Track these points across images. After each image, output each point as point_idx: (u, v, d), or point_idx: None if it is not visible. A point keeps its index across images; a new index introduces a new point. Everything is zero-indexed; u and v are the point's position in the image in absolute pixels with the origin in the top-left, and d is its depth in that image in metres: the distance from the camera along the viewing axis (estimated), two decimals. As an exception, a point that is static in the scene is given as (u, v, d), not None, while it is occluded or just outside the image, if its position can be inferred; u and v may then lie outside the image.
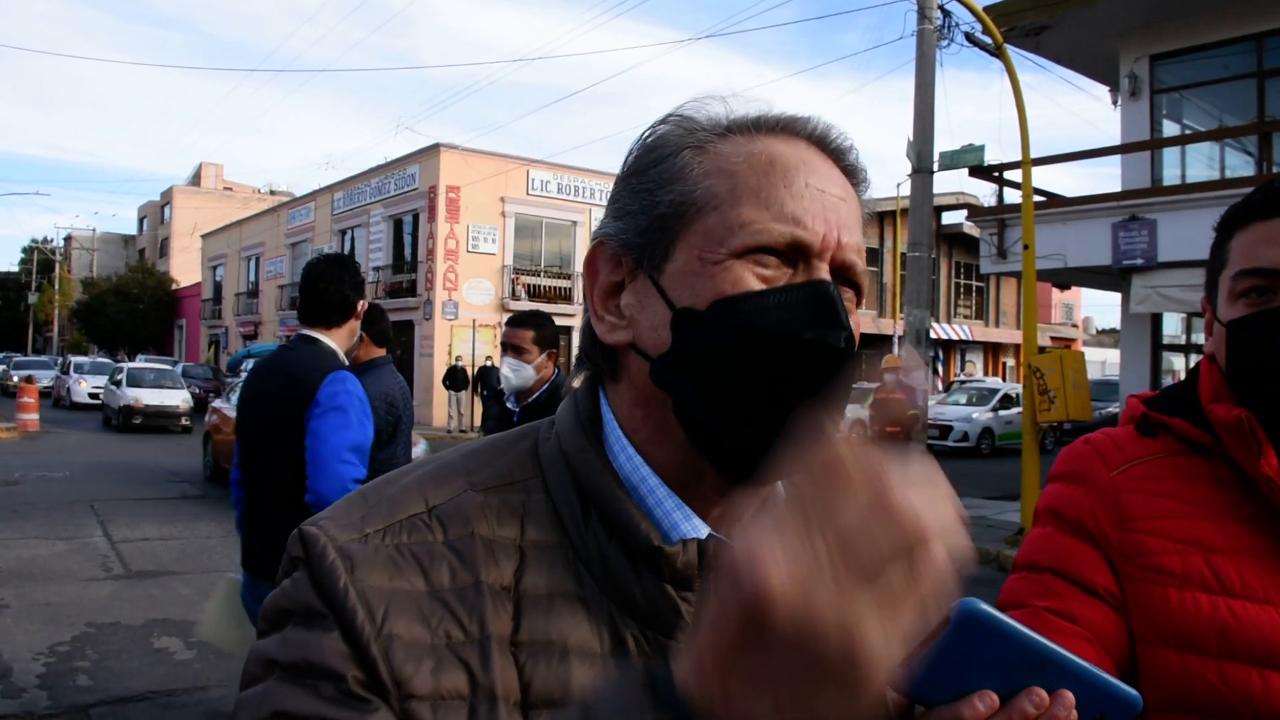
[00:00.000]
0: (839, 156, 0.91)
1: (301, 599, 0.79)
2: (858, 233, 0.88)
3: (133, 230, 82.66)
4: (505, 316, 31.70)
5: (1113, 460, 1.39)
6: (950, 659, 0.80)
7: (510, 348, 4.54)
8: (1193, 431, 1.36)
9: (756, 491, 0.88)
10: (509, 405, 4.64)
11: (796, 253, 0.84)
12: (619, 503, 0.84)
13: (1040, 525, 1.43)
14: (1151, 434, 1.41)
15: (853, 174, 0.92)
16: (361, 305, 3.64)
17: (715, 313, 0.82)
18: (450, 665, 0.77)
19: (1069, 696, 0.79)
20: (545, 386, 4.54)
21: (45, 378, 40.19)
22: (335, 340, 3.61)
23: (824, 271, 0.84)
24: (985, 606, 0.79)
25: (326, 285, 3.64)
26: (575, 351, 1.00)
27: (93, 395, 34.48)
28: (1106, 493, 1.36)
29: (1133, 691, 0.81)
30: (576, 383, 0.97)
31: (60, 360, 49.16)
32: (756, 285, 0.83)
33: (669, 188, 0.87)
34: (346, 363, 3.59)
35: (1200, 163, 15.26)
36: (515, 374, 4.51)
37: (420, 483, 0.88)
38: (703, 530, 0.85)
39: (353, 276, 3.67)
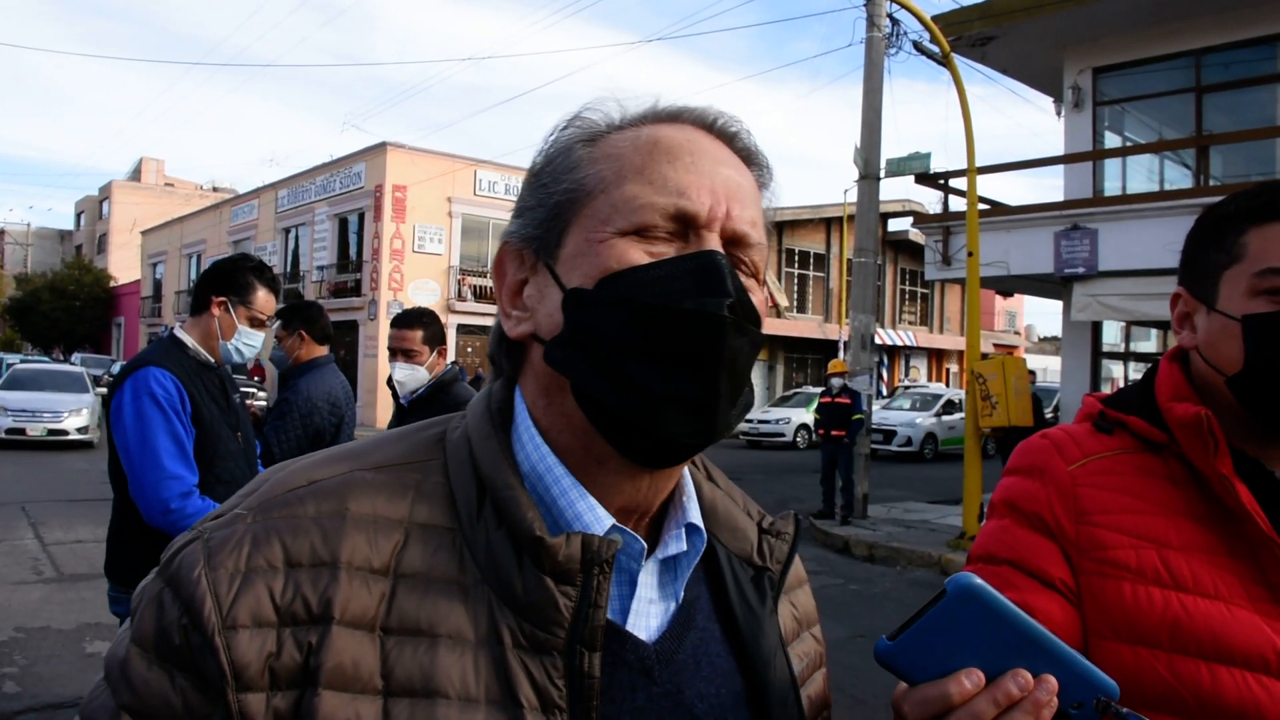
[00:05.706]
0: (729, 140, 0.92)
1: (157, 591, 0.80)
2: (752, 207, 0.89)
3: (69, 225, 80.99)
4: (451, 318, 31.27)
5: (1070, 455, 1.40)
6: (940, 634, 0.79)
7: (400, 352, 4.52)
8: (1149, 430, 1.38)
9: (663, 478, 0.89)
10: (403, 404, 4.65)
11: (684, 224, 0.84)
12: (510, 490, 0.83)
13: (997, 518, 1.43)
14: (1108, 431, 1.43)
15: (748, 157, 0.93)
16: (215, 302, 3.56)
17: (601, 290, 0.83)
18: (288, 649, 0.76)
19: (1052, 681, 0.79)
20: (430, 382, 4.54)
21: (76, 407, 20.18)
22: (188, 332, 3.56)
23: (713, 242, 0.84)
24: (982, 582, 0.78)
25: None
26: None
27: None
28: (1064, 487, 1.37)
29: (1111, 682, 0.81)
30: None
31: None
32: (643, 260, 0.83)
33: (562, 179, 0.89)
34: (185, 351, 3.49)
35: (1140, 174, 15.60)
36: (410, 377, 4.51)
37: (312, 463, 0.88)
38: (606, 522, 0.85)
39: (216, 273, 3.64)
